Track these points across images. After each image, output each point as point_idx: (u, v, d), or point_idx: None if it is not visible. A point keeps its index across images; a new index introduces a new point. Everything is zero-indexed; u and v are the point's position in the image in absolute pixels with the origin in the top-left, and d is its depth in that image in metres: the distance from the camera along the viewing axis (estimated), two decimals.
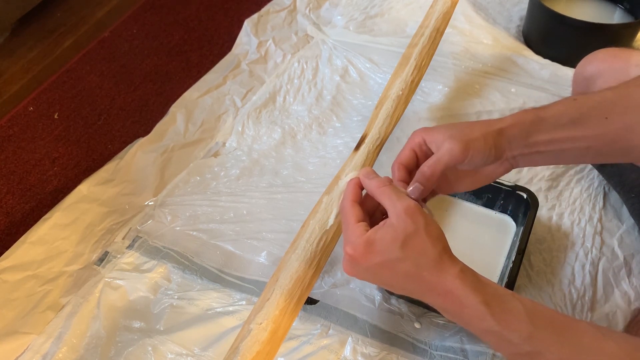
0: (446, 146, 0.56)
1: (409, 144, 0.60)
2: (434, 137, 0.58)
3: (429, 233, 0.51)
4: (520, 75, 1.13)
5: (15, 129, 1.08)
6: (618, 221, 0.88)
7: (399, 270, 0.51)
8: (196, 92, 1.13)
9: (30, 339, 0.77)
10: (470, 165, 0.57)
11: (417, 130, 0.60)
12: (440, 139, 0.57)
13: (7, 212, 0.95)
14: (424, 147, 0.59)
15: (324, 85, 1.14)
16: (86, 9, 1.32)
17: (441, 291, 0.51)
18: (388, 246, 0.51)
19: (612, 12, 1.18)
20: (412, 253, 0.51)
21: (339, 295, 0.81)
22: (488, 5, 1.30)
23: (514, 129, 0.57)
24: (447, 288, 0.50)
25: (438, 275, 0.50)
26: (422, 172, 0.57)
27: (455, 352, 0.74)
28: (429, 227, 0.51)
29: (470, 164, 0.57)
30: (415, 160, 0.60)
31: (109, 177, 0.97)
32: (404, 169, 0.59)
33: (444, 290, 0.50)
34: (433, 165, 0.56)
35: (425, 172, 0.56)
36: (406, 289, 0.53)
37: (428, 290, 0.52)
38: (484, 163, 0.58)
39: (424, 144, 0.59)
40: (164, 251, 0.87)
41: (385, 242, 0.51)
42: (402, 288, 0.53)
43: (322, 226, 0.68)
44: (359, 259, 0.52)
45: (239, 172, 0.99)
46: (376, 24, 1.26)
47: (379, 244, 0.51)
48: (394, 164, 0.60)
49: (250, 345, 0.60)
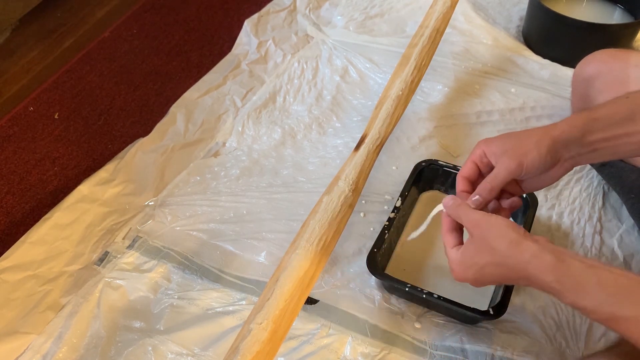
0: (502, 163, 0.62)
1: (471, 156, 0.66)
2: (493, 150, 0.64)
3: (496, 233, 0.58)
4: (520, 76, 1.13)
5: (15, 129, 1.09)
6: (618, 221, 0.88)
7: (491, 271, 0.59)
8: (196, 92, 1.13)
9: (31, 339, 0.77)
10: (528, 175, 0.62)
11: (479, 142, 0.65)
12: (498, 153, 0.63)
13: (7, 212, 0.95)
14: (484, 159, 0.65)
15: (324, 85, 1.14)
16: (86, 9, 1.32)
17: (524, 276, 0.56)
18: (474, 258, 0.60)
19: (611, 12, 1.18)
20: (491, 254, 0.58)
21: (339, 295, 0.81)
22: (488, 6, 1.30)
23: (568, 133, 0.60)
24: (527, 273, 0.55)
25: (517, 264, 0.56)
26: (482, 186, 0.64)
27: (455, 352, 0.74)
28: (492, 229, 0.59)
29: (528, 174, 0.62)
30: (477, 171, 0.66)
31: (109, 177, 0.97)
32: (466, 180, 0.66)
33: (525, 275, 0.55)
34: (491, 181, 0.63)
35: (485, 186, 0.63)
36: (507, 281, 0.60)
37: (518, 278, 0.57)
38: (543, 171, 0.62)
39: (484, 156, 0.65)
40: (164, 251, 0.87)
41: (470, 256, 0.60)
42: (505, 280, 0.60)
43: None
44: (460, 277, 0.62)
45: (239, 172, 0.99)
46: (376, 24, 1.26)
47: (468, 260, 0.61)
48: (458, 176, 0.67)
49: (251, 345, 0.60)
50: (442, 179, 0.90)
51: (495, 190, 0.63)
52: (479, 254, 0.59)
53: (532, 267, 0.54)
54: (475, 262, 0.60)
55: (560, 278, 0.53)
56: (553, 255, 0.54)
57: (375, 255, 0.77)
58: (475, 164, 0.66)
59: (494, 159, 0.63)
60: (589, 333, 0.75)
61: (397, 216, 0.82)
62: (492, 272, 0.59)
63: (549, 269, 0.53)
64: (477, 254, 0.60)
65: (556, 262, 0.53)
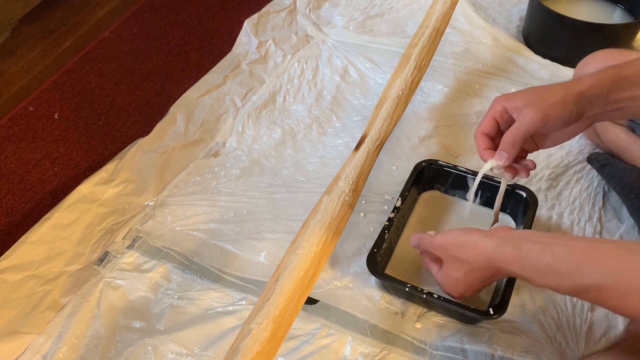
0: (526, 114, 0.59)
1: (490, 112, 0.64)
2: (514, 104, 0.61)
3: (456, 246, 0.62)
4: (520, 75, 1.13)
5: (15, 129, 1.09)
6: (618, 221, 0.88)
7: (471, 278, 0.61)
8: (196, 92, 1.13)
9: (31, 339, 0.77)
10: (551, 129, 0.61)
11: (498, 98, 0.63)
12: (520, 106, 0.60)
13: (7, 212, 0.95)
14: (505, 115, 0.63)
15: (324, 85, 1.14)
16: (86, 9, 1.32)
17: (497, 271, 0.58)
18: (452, 275, 0.63)
19: (612, 12, 1.18)
20: (462, 265, 0.61)
21: (339, 295, 0.81)
22: (488, 6, 1.30)
23: (595, 89, 0.58)
24: (497, 267, 0.57)
25: (485, 262, 0.58)
26: (505, 140, 0.62)
27: (455, 352, 0.74)
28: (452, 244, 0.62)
29: (551, 128, 0.60)
30: (497, 127, 0.64)
31: (109, 177, 0.97)
32: (486, 137, 0.65)
33: (497, 270, 0.58)
34: (515, 134, 0.61)
35: (508, 140, 0.61)
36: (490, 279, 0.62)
37: (495, 274, 0.59)
38: (565, 125, 0.60)
39: (505, 112, 0.62)
40: (164, 251, 0.87)
41: (450, 275, 0.64)
42: (488, 280, 0.62)
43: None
44: (454, 294, 0.66)
45: (239, 172, 0.99)
46: (376, 24, 1.26)
47: (450, 279, 0.64)
48: (476, 132, 0.65)
49: (251, 345, 0.60)
50: (442, 179, 0.90)
51: (517, 143, 0.62)
52: (454, 270, 0.63)
53: (497, 262, 0.56)
54: (455, 277, 0.63)
55: (522, 266, 0.54)
56: (511, 246, 0.55)
57: (375, 255, 0.77)
58: (495, 120, 0.64)
59: (516, 113, 0.61)
60: (589, 333, 0.75)
61: (397, 216, 0.82)
62: (473, 279, 0.61)
63: (510, 260, 0.55)
64: (452, 270, 0.63)
65: (515, 251, 0.54)
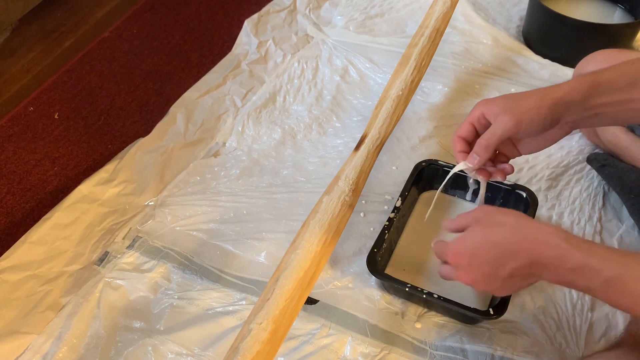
0: (500, 120, 0.61)
1: (469, 117, 0.65)
2: (492, 110, 0.62)
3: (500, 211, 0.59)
4: (520, 75, 1.13)
5: (15, 129, 1.09)
6: (618, 221, 0.88)
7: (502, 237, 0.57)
8: (196, 92, 1.13)
9: (31, 339, 0.77)
10: (525, 134, 0.61)
11: (479, 103, 0.64)
12: (497, 112, 0.62)
13: (7, 212, 0.95)
14: (482, 120, 0.64)
15: (324, 85, 1.14)
16: (86, 9, 1.32)
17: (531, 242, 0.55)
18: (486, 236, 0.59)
19: (612, 12, 1.18)
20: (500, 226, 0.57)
21: (339, 295, 0.81)
22: (488, 6, 1.30)
23: (571, 95, 0.59)
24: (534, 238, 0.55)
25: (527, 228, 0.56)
26: (478, 144, 0.63)
27: (455, 352, 0.74)
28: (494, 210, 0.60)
29: (525, 133, 0.61)
30: (474, 132, 0.65)
31: (109, 177, 0.97)
32: (463, 141, 0.66)
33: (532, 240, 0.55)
34: (488, 138, 0.62)
35: (482, 143, 0.63)
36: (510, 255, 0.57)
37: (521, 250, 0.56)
38: (541, 131, 0.61)
39: (483, 117, 0.63)
40: (164, 251, 0.87)
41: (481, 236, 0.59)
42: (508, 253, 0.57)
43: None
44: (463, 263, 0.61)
45: (239, 172, 0.99)
46: (376, 24, 1.26)
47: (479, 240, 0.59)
48: (454, 137, 0.66)
49: (251, 345, 0.60)
50: (442, 179, 0.90)
51: (490, 147, 0.62)
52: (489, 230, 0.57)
53: (542, 233, 0.54)
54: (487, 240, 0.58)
55: (568, 237, 0.53)
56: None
57: (375, 255, 0.77)
58: (472, 125, 0.65)
59: (493, 118, 0.62)
60: (589, 333, 0.75)
61: (397, 216, 0.82)
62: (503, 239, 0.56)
63: (557, 232, 0.54)
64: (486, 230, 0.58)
65: (563, 230, 0.54)
